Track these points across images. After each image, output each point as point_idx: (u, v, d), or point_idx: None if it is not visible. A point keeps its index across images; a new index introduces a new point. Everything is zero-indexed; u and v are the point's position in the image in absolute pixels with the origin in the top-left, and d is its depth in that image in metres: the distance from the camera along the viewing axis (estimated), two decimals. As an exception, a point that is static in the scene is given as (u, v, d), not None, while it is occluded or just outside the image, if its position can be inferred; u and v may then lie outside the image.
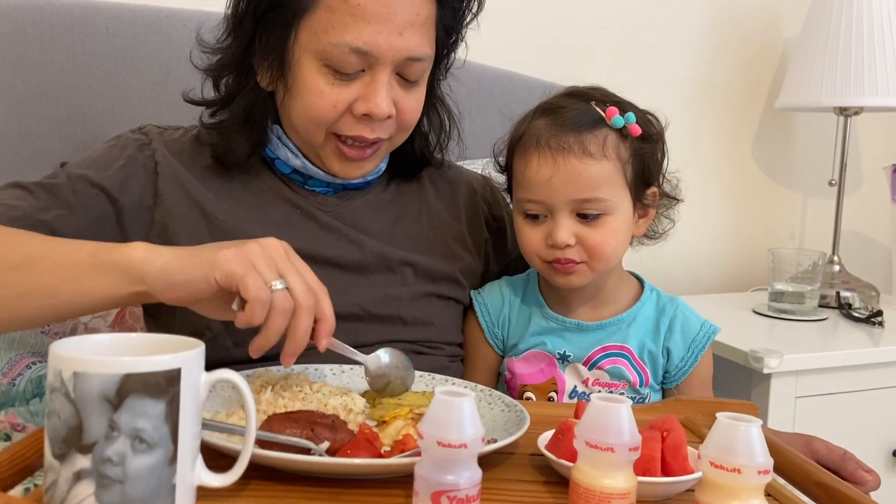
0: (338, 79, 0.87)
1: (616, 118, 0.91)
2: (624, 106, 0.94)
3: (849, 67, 1.65)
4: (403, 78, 0.90)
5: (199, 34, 0.96)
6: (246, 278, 0.65)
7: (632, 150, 0.92)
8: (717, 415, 0.53)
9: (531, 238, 0.95)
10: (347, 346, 0.76)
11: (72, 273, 0.72)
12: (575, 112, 0.93)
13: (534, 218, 0.94)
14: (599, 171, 0.90)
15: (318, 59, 0.87)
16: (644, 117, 0.95)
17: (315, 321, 0.69)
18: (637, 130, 0.92)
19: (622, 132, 0.92)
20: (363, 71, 0.88)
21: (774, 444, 0.69)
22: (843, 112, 1.73)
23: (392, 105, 0.89)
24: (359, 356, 0.77)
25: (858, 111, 1.72)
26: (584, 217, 0.91)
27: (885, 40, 1.65)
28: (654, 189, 0.97)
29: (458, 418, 0.52)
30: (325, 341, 0.70)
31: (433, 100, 1.03)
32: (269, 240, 0.69)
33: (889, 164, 1.78)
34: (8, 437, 0.86)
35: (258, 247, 0.67)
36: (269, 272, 0.66)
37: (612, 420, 0.53)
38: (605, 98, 0.95)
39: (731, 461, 0.50)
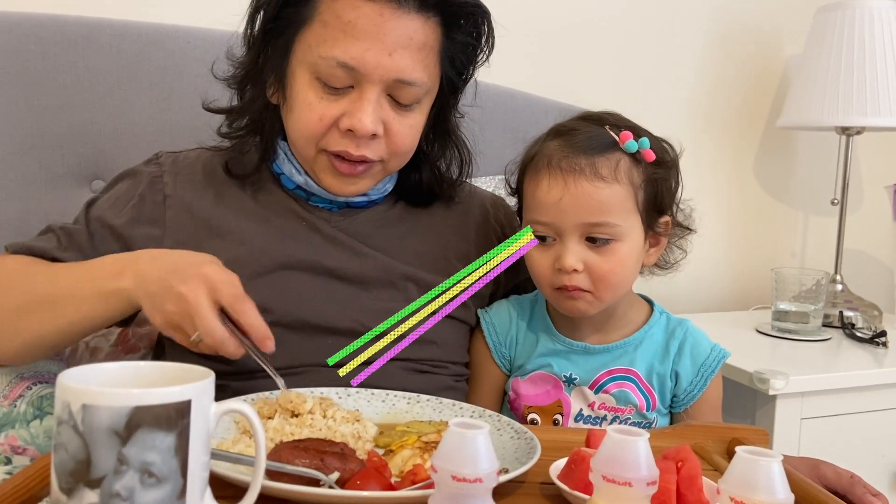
0: (327, 93, 0.89)
1: (630, 142, 0.90)
2: (638, 131, 0.93)
3: (851, 87, 1.65)
4: (396, 101, 0.91)
5: (230, 48, 1.00)
6: (176, 338, 0.79)
7: (645, 176, 0.91)
8: (737, 449, 0.52)
9: (539, 262, 0.93)
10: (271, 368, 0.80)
11: (83, 307, 0.84)
12: (588, 135, 0.92)
13: (542, 240, 0.93)
14: (610, 195, 0.89)
15: (310, 72, 0.89)
16: (659, 144, 0.94)
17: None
18: (651, 156, 0.91)
19: (635, 157, 0.91)
20: (352, 87, 0.89)
21: (793, 477, 0.68)
22: (845, 131, 1.74)
23: (379, 124, 0.89)
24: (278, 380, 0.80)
25: (860, 131, 1.73)
26: (593, 242, 0.90)
27: (887, 60, 1.65)
28: (666, 218, 0.96)
29: (472, 452, 0.51)
30: (269, 343, 0.78)
31: (445, 134, 1.03)
32: (190, 290, 0.76)
33: (891, 183, 1.79)
34: (8, 461, 0.84)
35: (177, 307, 0.76)
36: (190, 328, 0.76)
37: (630, 454, 0.52)
38: (619, 123, 0.94)
39: (752, 497, 0.50)
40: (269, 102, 0.96)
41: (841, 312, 1.70)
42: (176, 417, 0.49)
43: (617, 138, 0.91)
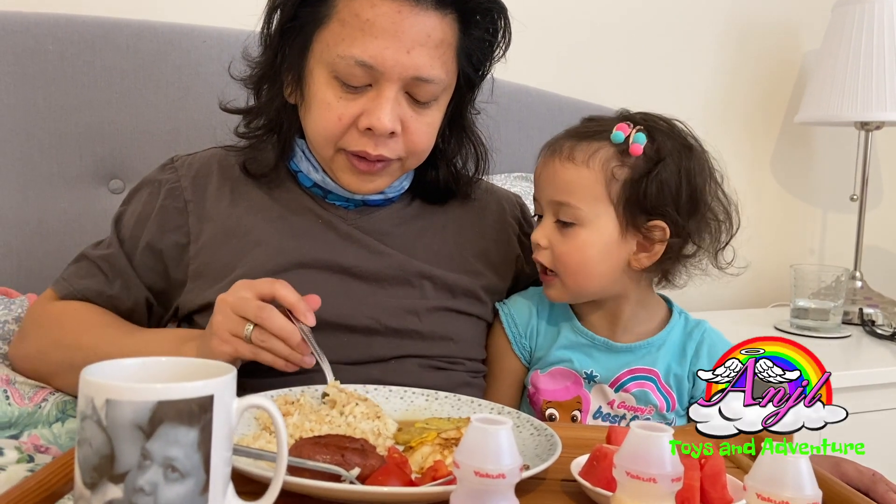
0: (345, 92, 0.89)
1: (617, 133, 0.89)
2: (653, 130, 0.90)
3: (870, 82, 1.64)
4: (414, 98, 0.91)
5: (246, 48, 1.00)
6: (237, 351, 0.79)
7: (628, 170, 0.89)
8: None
9: (532, 236, 0.97)
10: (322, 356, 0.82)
11: None
12: (596, 125, 0.93)
13: (540, 217, 0.96)
14: (575, 177, 0.90)
15: (328, 71, 0.89)
16: (676, 146, 0.91)
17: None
18: (637, 150, 0.88)
19: (621, 148, 0.89)
20: (370, 86, 0.89)
21: (818, 474, 0.67)
22: (865, 126, 1.72)
23: (397, 122, 0.89)
24: (326, 368, 0.82)
25: (880, 126, 1.71)
26: (563, 224, 0.92)
27: (906, 54, 1.63)
28: (658, 222, 0.90)
29: (495, 447, 0.50)
30: (310, 317, 0.80)
31: (462, 131, 1.03)
32: (225, 298, 0.79)
33: (911, 178, 1.77)
34: (31, 458, 0.85)
35: (221, 314, 0.79)
36: (240, 326, 0.78)
37: (654, 450, 0.51)
38: (643, 120, 0.92)
39: (779, 494, 0.49)
40: (286, 102, 0.96)
41: (860, 309, 1.69)
42: (199, 412, 0.49)
43: (614, 129, 0.90)
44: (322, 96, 0.89)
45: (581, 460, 0.67)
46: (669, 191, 0.90)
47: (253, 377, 0.89)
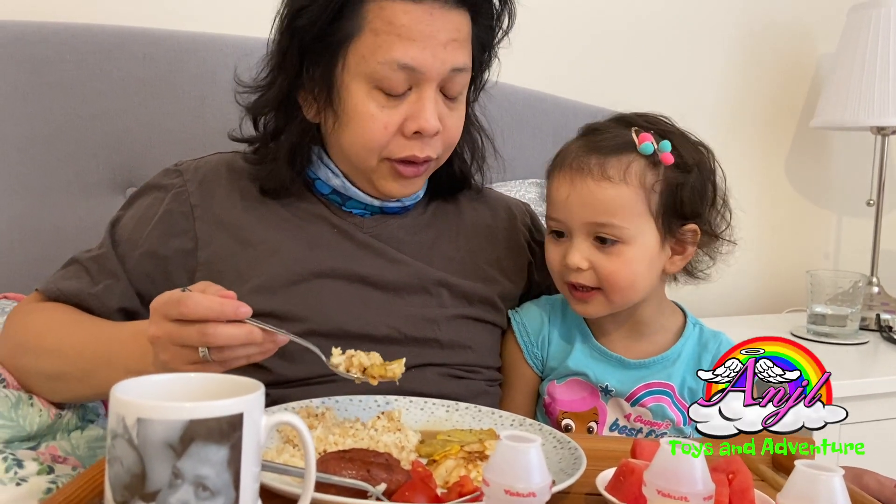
0: (387, 100, 0.89)
1: (646, 144, 0.88)
2: (667, 134, 0.91)
3: (886, 86, 1.63)
4: (446, 95, 0.92)
5: (237, 73, 0.98)
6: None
7: (662, 180, 0.89)
8: (797, 463, 0.51)
9: (552, 255, 0.95)
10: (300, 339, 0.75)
11: (117, 377, 0.71)
12: (610, 136, 0.92)
13: (559, 235, 0.94)
14: (616, 196, 0.88)
15: (368, 82, 0.89)
16: (691, 148, 0.92)
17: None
18: (668, 159, 0.88)
19: (652, 159, 0.89)
20: (409, 90, 0.89)
21: (851, 491, 0.67)
22: (881, 131, 1.71)
23: (439, 121, 0.90)
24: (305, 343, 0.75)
25: (896, 130, 1.70)
26: (602, 242, 0.90)
27: (923, 58, 1.62)
28: (692, 226, 0.92)
29: (525, 466, 0.50)
30: (242, 310, 0.69)
31: (468, 120, 1.03)
32: (154, 329, 0.71)
33: (928, 183, 1.75)
34: (51, 469, 0.85)
35: (163, 350, 0.71)
36: (190, 354, 0.70)
37: (685, 467, 0.51)
38: (649, 125, 0.92)
39: (813, 513, 0.49)
40: (308, 123, 0.95)
41: (878, 315, 1.68)
42: (229, 431, 0.49)
43: (636, 140, 0.89)
44: (364, 109, 0.89)
45: (606, 474, 0.67)
46: (700, 194, 0.91)
47: (273, 387, 0.89)
